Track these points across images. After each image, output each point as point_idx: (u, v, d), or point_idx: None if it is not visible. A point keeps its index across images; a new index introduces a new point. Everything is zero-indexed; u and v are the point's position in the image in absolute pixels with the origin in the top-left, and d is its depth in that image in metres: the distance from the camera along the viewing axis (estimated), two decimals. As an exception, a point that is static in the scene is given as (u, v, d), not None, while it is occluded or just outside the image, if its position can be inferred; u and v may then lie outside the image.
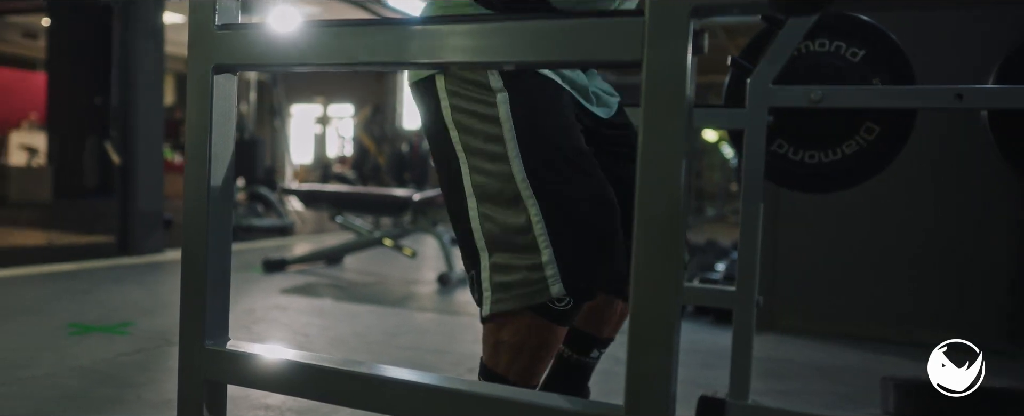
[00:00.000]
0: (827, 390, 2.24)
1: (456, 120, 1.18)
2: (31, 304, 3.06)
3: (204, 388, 1.02)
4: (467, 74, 1.17)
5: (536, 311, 1.13)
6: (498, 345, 1.18)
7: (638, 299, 0.79)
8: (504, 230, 1.13)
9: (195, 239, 1.02)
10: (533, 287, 1.11)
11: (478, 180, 1.16)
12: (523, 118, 1.15)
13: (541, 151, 1.16)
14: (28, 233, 5.73)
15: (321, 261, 4.46)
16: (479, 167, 1.16)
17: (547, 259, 1.10)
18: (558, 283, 1.11)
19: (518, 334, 1.16)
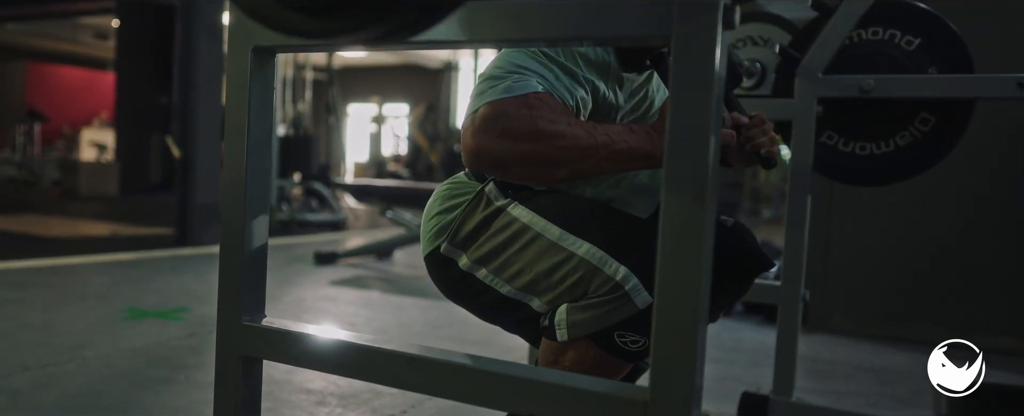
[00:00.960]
0: (876, 391, 2.17)
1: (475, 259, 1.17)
2: (93, 290, 3.18)
3: (240, 363, 1.04)
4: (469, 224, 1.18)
5: (607, 348, 1.09)
6: (555, 365, 1.14)
7: (664, 283, 0.78)
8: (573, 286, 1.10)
9: (233, 219, 1.04)
10: (614, 305, 1.07)
11: (524, 280, 1.14)
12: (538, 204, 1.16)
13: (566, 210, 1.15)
14: (94, 224, 5.96)
15: (371, 255, 4.52)
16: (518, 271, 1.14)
17: (623, 275, 1.06)
18: (643, 292, 1.05)
19: (580, 364, 1.11)
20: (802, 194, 1.76)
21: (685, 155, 0.77)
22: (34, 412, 1.63)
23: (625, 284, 1.06)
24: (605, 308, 1.07)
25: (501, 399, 0.89)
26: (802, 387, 2.00)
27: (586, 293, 1.09)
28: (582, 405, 0.84)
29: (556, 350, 1.13)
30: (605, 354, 1.09)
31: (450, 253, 1.20)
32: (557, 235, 1.12)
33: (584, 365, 1.10)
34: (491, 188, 1.19)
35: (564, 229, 1.12)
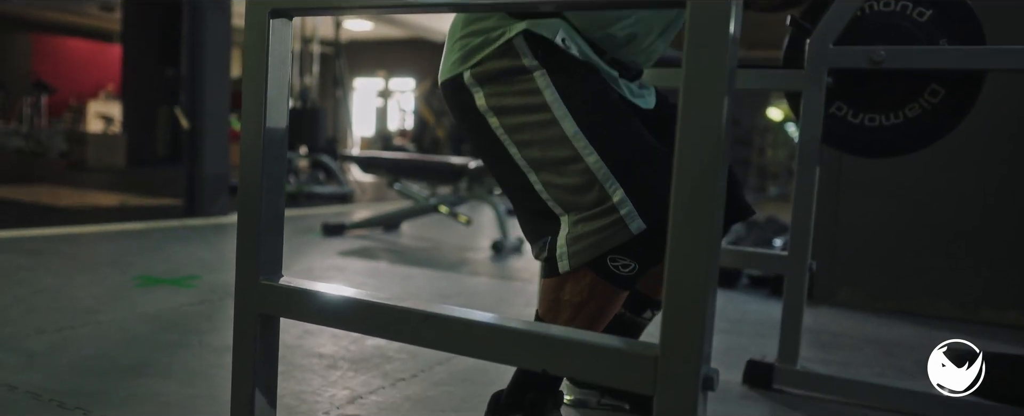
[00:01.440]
0: (880, 362, 2.19)
1: (492, 106, 1.19)
2: (105, 258, 3.21)
3: (258, 321, 1.07)
4: (493, 65, 1.19)
5: (601, 273, 1.13)
6: (557, 302, 1.19)
7: (676, 239, 0.79)
8: (570, 191, 1.14)
9: (250, 181, 1.06)
10: (610, 231, 1.11)
11: (531, 154, 1.17)
12: (564, 84, 1.17)
13: (589, 106, 1.17)
14: (103, 195, 5.99)
15: (379, 227, 4.54)
16: (528, 141, 1.17)
17: (619, 198, 1.10)
18: (637, 219, 1.09)
19: (579, 295, 1.16)
20: (811, 165, 1.77)
21: (698, 120, 0.78)
22: (51, 372, 1.66)
23: (620, 208, 1.10)
24: (601, 234, 1.11)
25: (514, 355, 0.91)
26: (807, 357, 2.02)
27: (581, 203, 1.13)
28: (593, 361, 0.86)
29: (555, 285, 1.18)
30: (599, 279, 1.14)
31: (471, 86, 1.21)
32: (572, 132, 1.13)
33: (583, 295, 1.15)
34: (520, 42, 1.17)
35: (579, 128, 1.13)
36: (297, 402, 1.56)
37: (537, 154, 1.16)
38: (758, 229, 4.55)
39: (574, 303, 1.18)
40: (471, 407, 1.58)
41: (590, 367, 0.86)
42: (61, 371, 1.68)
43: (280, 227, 1.09)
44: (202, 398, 1.55)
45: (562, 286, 1.18)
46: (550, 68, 1.17)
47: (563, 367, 0.90)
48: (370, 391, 1.66)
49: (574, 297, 1.17)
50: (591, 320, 1.19)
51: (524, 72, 1.17)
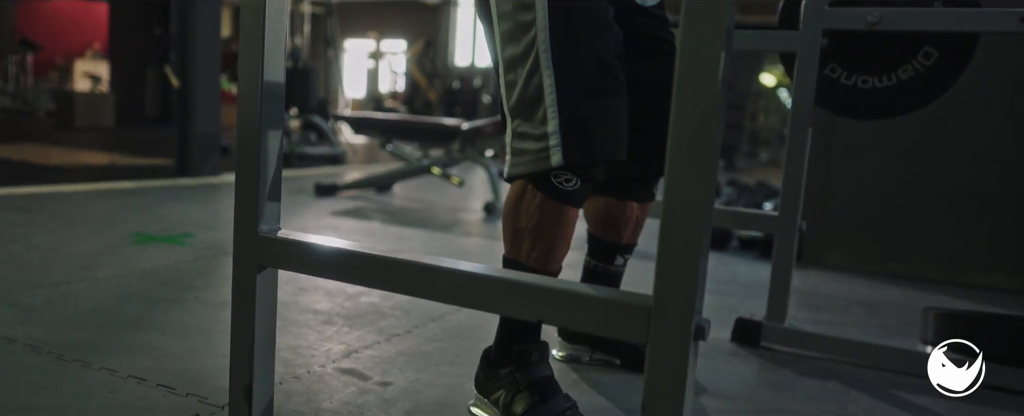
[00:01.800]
0: (867, 322, 2.24)
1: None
2: (98, 216, 3.21)
3: (257, 273, 1.08)
4: None
5: (546, 191, 1.21)
6: (516, 234, 1.26)
7: (671, 189, 0.81)
8: (522, 98, 1.22)
9: (249, 132, 1.06)
10: (539, 155, 1.20)
11: (509, 51, 1.24)
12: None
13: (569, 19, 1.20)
14: (93, 154, 5.96)
15: (371, 188, 4.55)
16: (510, 35, 1.23)
17: (552, 129, 1.18)
18: (558, 153, 1.18)
19: (533, 218, 1.24)
20: (803, 126, 1.78)
21: (695, 75, 0.79)
22: (50, 326, 1.68)
23: (551, 138, 1.18)
24: (532, 156, 1.20)
25: (511, 305, 0.93)
26: (795, 316, 2.06)
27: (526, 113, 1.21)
28: (588, 311, 0.88)
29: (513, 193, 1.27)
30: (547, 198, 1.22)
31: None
32: (543, 46, 1.19)
33: (535, 216, 1.24)
34: None
35: (552, 43, 1.19)
36: (293, 356, 1.58)
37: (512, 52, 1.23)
38: (749, 193, 4.58)
39: (530, 229, 1.24)
40: (464, 361, 1.60)
41: (585, 317, 0.88)
42: (59, 325, 1.70)
43: (278, 178, 1.10)
44: (200, 351, 1.57)
45: (516, 214, 1.25)
46: None
47: (559, 317, 0.92)
48: (365, 346, 1.68)
49: (529, 222, 1.24)
50: (549, 244, 1.25)
51: None
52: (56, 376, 1.39)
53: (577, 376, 1.58)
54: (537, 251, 1.26)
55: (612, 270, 1.58)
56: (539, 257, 1.26)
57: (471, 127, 4.13)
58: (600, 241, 1.58)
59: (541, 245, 1.25)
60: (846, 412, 1.48)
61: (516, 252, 1.27)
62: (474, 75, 10.72)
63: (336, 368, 1.53)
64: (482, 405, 1.34)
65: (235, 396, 1.11)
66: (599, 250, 1.59)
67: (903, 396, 1.59)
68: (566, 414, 1.25)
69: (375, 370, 1.54)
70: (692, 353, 0.83)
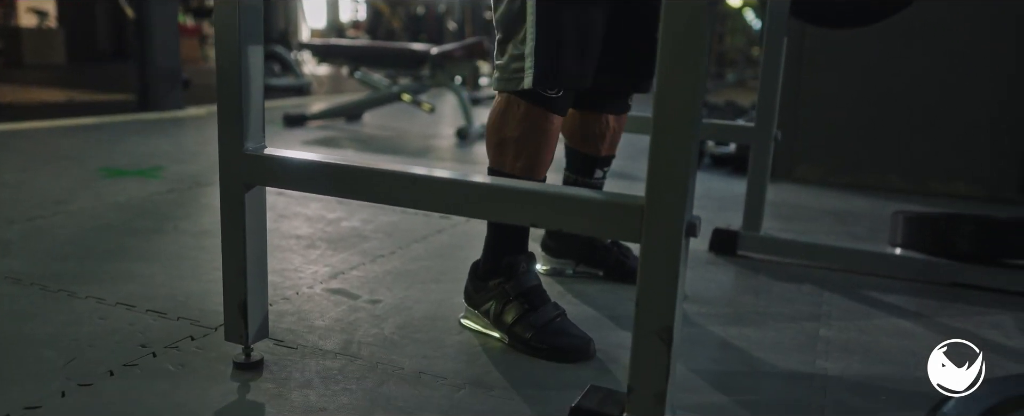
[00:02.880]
0: (837, 229, 2.30)
1: None
2: (62, 152, 3.14)
3: (245, 191, 1.08)
4: None
5: (530, 99, 1.25)
6: (501, 144, 1.29)
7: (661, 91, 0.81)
8: (508, 13, 1.24)
9: (228, 49, 1.04)
10: (515, 75, 1.24)
11: None
12: None
13: None
14: (48, 91, 5.77)
15: (341, 117, 4.49)
16: None
17: (528, 51, 1.21)
18: (529, 77, 1.22)
19: (518, 127, 1.26)
20: (778, 36, 1.79)
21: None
22: (29, 258, 1.66)
23: (526, 59, 1.22)
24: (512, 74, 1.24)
25: (507, 212, 0.95)
26: (768, 227, 2.11)
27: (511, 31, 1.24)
28: (582, 214, 0.89)
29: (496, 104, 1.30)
30: (531, 106, 1.26)
31: None
32: None
33: (520, 126, 1.26)
34: None
35: None
36: (280, 279, 1.59)
37: None
38: (718, 112, 4.61)
39: (515, 138, 1.27)
40: (449, 279, 1.63)
41: (579, 220, 0.90)
42: (38, 257, 1.68)
43: (260, 93, 1.08)
44: (186, 277, 1.57)
45: (501, 124, 1.28)
46: None
47: (553, 221, 0.93)
48: (350, 267, 1.70)
49: (513, 131, 1.27)
50: (535, 151, 1.28)
51: None
52: (42, 305, 1.39)
53: (562, 288, 1.61)
54: (522, 160, 1.27)
55: (591, 183, 1.60)
56: (524, 166, 1.28)
57: (441, 51, 4.07)
58: (579, 154, 1.60)
59: (526, 154, 1.27)
60: (821, 312, 1.54)
61: (501, 162, 1.29)
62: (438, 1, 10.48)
63: (325, 288, 1.55)
64: (472, 316, 1.36)
65: (230, 313, 1.12)
66: (578, 163, 1.61)
67: (873, 295, 1.66)
68: (555, 321, 1.28)
69: (363, 289, 1.55)
70: (684, 249, 0.85)
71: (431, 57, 4.05)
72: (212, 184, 2.52)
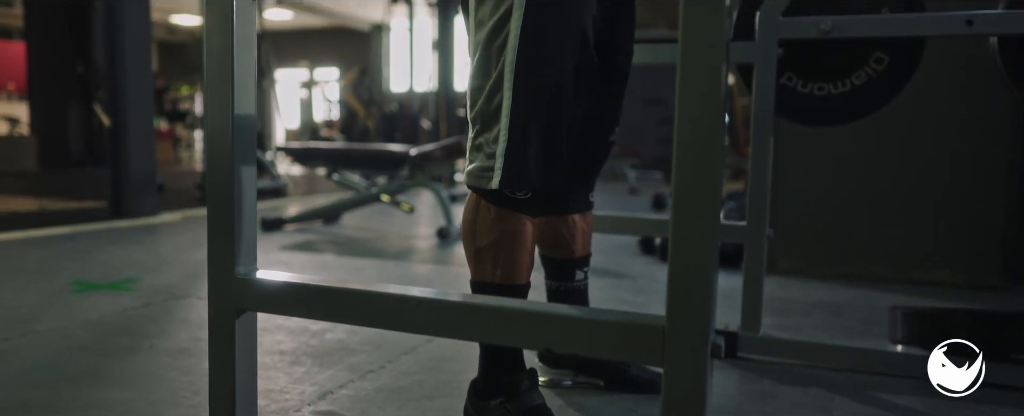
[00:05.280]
0: (830, 324, 2.27)
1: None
2: (31, 265, 3.04)
3: (236, 317, 1.02)
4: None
5: (499, 203, 1.24)
6: (478, 254, 1.27)
7: (678, 209, 0.79)
8: (484, 111, 1.23)
9: (221, 169, 1.01)
10: (485, 175, 1.23)
11: (479, 58, 1.23)
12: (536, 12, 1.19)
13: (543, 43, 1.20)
14: (18, 200, 5.67)
15: (318, 219, 4.44)
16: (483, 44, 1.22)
17: (500, 151, 1.21)
18: (498, 178, 1.21)
19: (491, 232, 1.25)
20: (765, 135, 1.81)
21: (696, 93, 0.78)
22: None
23: (496, 159, 1.21)
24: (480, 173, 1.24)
25: (519, 335, 0.90)
26: (763, 323, 2.07)
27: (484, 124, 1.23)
28: (600, 336, 0.85)
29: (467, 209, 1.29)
30: (501, 209, 1.24)
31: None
32: (510, 61, 1.19)
33: (493, 231, 1.26)
34: None
35: (518, 64, 1.19)
36: (267, 401, 1.51)
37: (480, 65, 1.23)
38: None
39: (489, 245, 1.25)
40: (445, 394, 1.55)
41: (596, 342, 0.85)
42: (5, 384, 1.58)
43: (253, 215, 1.04)
44: (165, 403, 1.48)
45: (474, 233, 1.26)
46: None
47: (570, 344, 0.89)
48: (339, 385, 1.62)
49: (486, 238, 1.25)
50: (511, 256, 1.25)
51: None
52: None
53: (563, 401, 1.54)
54: (501, 268, 1.25)
55: (574, 286, 1.56)
56: (504, 273, 1.25)
57: (420, 152, 4.08)
58: (554, 260, 1.57)
59: (503, 260, 1.26)
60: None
61: (481, 272, 1.28)
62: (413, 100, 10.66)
63: (314, 411, 1.46)
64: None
65: (218, 450, 1.04)
66: (556, 269, 1.57)
67: (883, 397, 1.61)
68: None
69: (354, 410, 1.47)
70: (709, 373, 0.81)
71: (410, 158, 4.06)
72: (188, 296, 2.43)
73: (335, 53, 15.32)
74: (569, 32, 1.22)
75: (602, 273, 2.97)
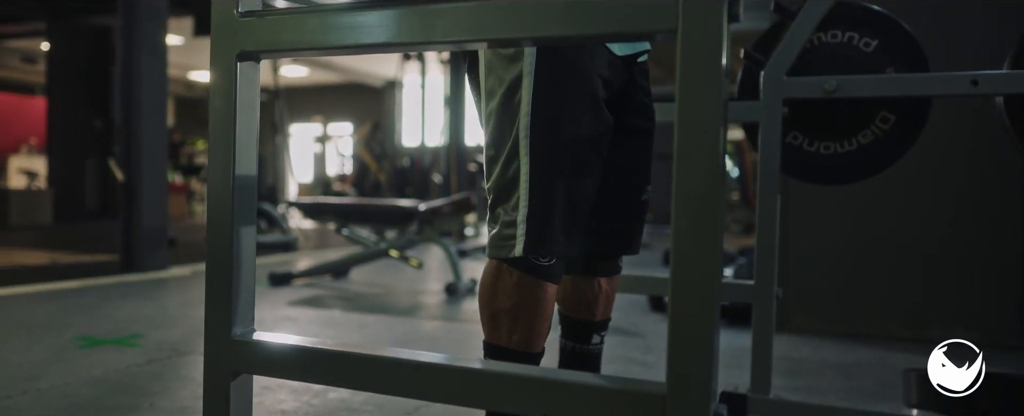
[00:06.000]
0: (843, 386, 2.22)
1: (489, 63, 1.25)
2: (39, 319, 3.04)
3: (231, 379, 1.00)
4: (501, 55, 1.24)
5: (521, 268, 1.20)
6: (495, 317, 1.23)
7: (678, 272, 0.78)
8: (501, 181, 1.22)
9: (220, 229, 1.00)
10: (508, 243, 1.20)
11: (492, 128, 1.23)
12: (545, 72, 1.19)
13: (554, 104, 1.20)
14: (31, 253, 5.71)
15: (327, 274, 4.44)
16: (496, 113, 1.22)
17: (521, 218, 1.18)
18: (520, 244, 1.18)
19: (511, 297, 1.21)
20: (772, 194, 1.79)
21: (694, 150, 0.77)
22: (-9, 447, 1.54)
23: (518, 227, 1.18)
24: (503, 242, 1.21)
25: (517, 401, 0.87)
26: (774, 385, 2.02)
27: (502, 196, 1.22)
28: (599, 403, 0.83)
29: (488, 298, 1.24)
30: (523, 275, 1.20)
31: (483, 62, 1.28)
32: (524, 127, 1.18)
33: (512, 296, 1.21)
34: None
35: (532, 129, 1.18)
36: (264, 463, 1.48)
37: (493, 119, 1.23)
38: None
39: (508, 309, 1.21)
40: (447, 457, 1.52)
41: (596, 410, 0.83)
42: (1, 445, 1.56)
43: (252, 277, 1.03)
44: (161, 465, 1.45)
45: (493, 295, 1.23)
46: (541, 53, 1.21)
47: (567, 411, 0.86)
48: (339, 446, 1.59)
49: (506, 302, 1.21)
50: (529, 323, 1.22)
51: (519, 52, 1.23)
52: (0, 505, 1.26)
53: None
54: (518, 333, 1.22)
55: (590, 349, 1.53)
56: (521, 339, 1.22)
57: (429, 208, 4.09)
58: (574, 320, 1.53)
59: (522, 325, 1.22)
60: (846, 485, 1.43)
61: (496, 335, 1.24)
62: (424, 155, 10.75)
63: (311, 474, 1.43)
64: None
65: (209, 518, 1.01)
66: (574, 330, 1.53)
67: (899, 464, 1.56)
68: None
69: (353, 473, 1.44)
70: (712, 442, 0.79)
71: (419, 213, 4.07)
72: (192, 353, 2.42)
73: (349, 108, 15.55)
74: (581, 94, 1.22)
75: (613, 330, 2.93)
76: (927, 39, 1.75)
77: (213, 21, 1.00)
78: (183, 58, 12.03)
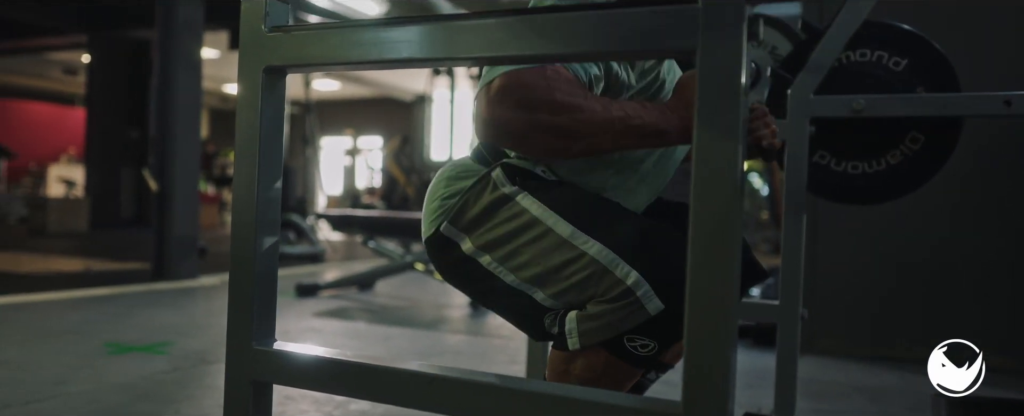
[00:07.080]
0: (871, 410, 2.18)
1: (480, 245, 1.15)
2: (70, 325, 3.09)
3: (251, 389, 1.02)
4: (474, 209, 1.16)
5: (616, 353, 1.06)
6: (566, 374, 1.11)
7: (695, 294, 0.77)
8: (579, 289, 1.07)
9: (243, 240, 1.02)
10: (626, 311, 1.04)
11: (531, 272, 1.11)
12: (548, 197, 1.14)
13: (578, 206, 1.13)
14: (66, 260, 5.83)
15: (353, 286, 4.47)
16: (526, 262, 1.12)
17: (634, 280, 1.03)
18: (654, 298, 1.02)
19: (591, 371, 1.08)
20: (798, 213, 1.78)
21: (712, 166, 0.77)
22: (19, 450, 1.57)
23: (636, 290, 1.03)
24: (617, 314, 1.04)
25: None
26: (799, 407, 1.99)
27: (594, 294, 1.06)
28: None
29: (566, 359, 1.10)
30: (616, 360, 1.06)
31: (452, 235, 1.17)
32: (568, 233, 1.09)
33: (594, 372, 1.07)
34: (498, 174, 1.16)
35: (575, 227, 1.09)
36: (283, 473, 1.49)
37: (538, 269, 1.11)
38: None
39: (584, 379, 1.09)
40: (466, 472, 1.51)
41: (609, 427, 0.82)
42: (29, 448, 1.59)
43: (274, 289, 1.04)
44: (182, 472, 1.47)
45: (573, 360, 1.10)
46: (531, 189, 1.14)
47: (581, 428, 0.86)
48: (359, 458, 1.59)
49: (585, 373, 1.09)
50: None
51: (506, 200, 1.14)
52: (26, 508, 1.28)
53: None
54: None
55: (641, 382, 1.48)
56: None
57: (454, 221, 4.11)
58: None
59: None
60: (870, 512, 1.40)
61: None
62: (452, 169, 10.81)
63: (330, 485, 1.44)
64: None
65: None
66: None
67: (926, 491, 1.52)
68: None
69: (371, 486, 1.44)
70: (728, 464, 0.78)
71: (445, 227, 4.08)
72: (218, 361, 2.44)
73: (379, 122, 15.70)
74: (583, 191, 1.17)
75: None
76: (957, 59, 1.73)
77: (241, 36, 1.02)
78: (218, 71, 12.25)
